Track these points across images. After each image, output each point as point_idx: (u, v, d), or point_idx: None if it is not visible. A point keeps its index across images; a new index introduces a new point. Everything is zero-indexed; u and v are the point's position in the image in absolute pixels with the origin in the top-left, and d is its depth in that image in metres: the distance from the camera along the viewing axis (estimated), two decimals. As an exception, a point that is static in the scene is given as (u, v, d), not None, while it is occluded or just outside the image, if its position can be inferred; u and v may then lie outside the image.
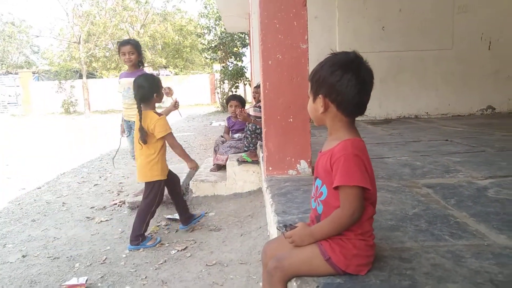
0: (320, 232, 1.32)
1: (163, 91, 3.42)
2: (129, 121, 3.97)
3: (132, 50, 3.84)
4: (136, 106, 3.10)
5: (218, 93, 18.67)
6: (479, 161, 2.99)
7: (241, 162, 4.20)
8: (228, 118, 5.28)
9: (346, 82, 1.26)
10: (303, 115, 2.66)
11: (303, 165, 2.71)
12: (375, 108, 6.15)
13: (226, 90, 18.15)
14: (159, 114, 3.06)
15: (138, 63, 3.96)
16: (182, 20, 25.30)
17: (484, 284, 1.26)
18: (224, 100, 17.52)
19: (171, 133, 3.04)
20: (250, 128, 4.03)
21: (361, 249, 1.31)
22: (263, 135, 2.87)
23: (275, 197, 2.26)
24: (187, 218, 3.35)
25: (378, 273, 1.34)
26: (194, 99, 23.72)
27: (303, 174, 2.70)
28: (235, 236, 3.15)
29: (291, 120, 2.66)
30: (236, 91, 16.79)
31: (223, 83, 17.98)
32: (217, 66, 20.86)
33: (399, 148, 3.74)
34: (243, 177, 4.21)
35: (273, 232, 2.09)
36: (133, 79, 3.81)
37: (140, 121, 2.95)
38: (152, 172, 3.05)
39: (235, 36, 18.50)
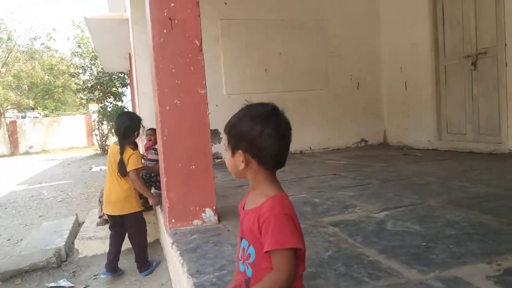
0: (253, 299, 1.19)
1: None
2: None
3: None
4: None
5: (96, 135, 17.45)
6: (370, 194, 3.22)
7: (135, 213, 3.86)
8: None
9: (267, 137, 1.21)
10: (206, 161, 2.55)
11: (209, 214, 2.57)
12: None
13: (106, 132, 17.10)
14: (134, 150, 3.23)
15: None
16: (52, 58, 23.36)
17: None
18: (106, 143, 16.41)
19: (138, 169, 3.19)
20: (144, 176, 3.74)
21: (294, 310, 1.23)
22: (162, 185, 2.66)
23: (184, 254, 2.06)
24: (142, 265, 3.28)
25: (314, 333, 1.27)
26: (68, 142, 21.79)
27: (209, 223, 2.56)
28: (134, 300, 2.82)
29: (193, 167, 2.52)
30: (117, 133, 15.90)
31: (102, 124, 16.92)
32: (94, 107, 19.53)
33: (294, 185, 3.84)
34: (137, 230, 3.85)
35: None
36: None
37: (122, 155, 3.14)
38: (131, 203, 3.21)
39: (114, 76, 17.70)
